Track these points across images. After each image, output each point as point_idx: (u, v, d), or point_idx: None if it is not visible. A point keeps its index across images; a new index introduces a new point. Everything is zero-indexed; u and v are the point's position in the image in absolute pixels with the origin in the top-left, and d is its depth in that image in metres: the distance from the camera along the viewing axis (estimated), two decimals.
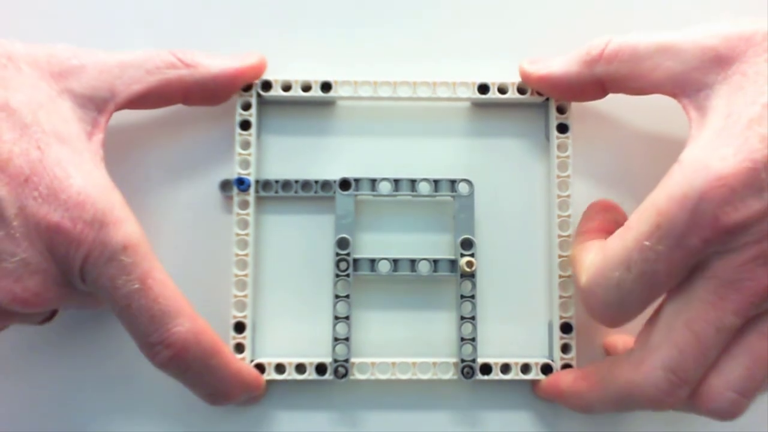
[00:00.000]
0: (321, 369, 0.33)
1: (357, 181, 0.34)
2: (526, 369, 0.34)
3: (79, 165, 0.29)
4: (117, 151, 0.34)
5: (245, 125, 0.34)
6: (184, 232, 0.35)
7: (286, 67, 0.35)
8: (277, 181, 0.35)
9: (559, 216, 0.34)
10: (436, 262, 0.34)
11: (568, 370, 0.33)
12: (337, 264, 0.34)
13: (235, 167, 0.34)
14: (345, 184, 0.34)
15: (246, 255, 0.34)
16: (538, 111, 0.35)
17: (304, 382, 0.34)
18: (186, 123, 0.35)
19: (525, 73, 0.34)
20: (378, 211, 0.35)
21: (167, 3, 0.36)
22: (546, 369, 0.34)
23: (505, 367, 0.34)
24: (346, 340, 0.33)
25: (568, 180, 0.34)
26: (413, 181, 0.34)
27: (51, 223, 0.28)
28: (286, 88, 0.34)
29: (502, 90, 0.34)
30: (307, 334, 0.34)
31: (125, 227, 0.29)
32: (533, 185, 0.35)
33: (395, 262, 0.34)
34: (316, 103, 0.35)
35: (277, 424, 0.34)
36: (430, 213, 0.35)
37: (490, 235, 0.35)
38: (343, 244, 0.34)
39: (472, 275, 0.34)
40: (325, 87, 0.34)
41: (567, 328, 0.34)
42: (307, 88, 0.34)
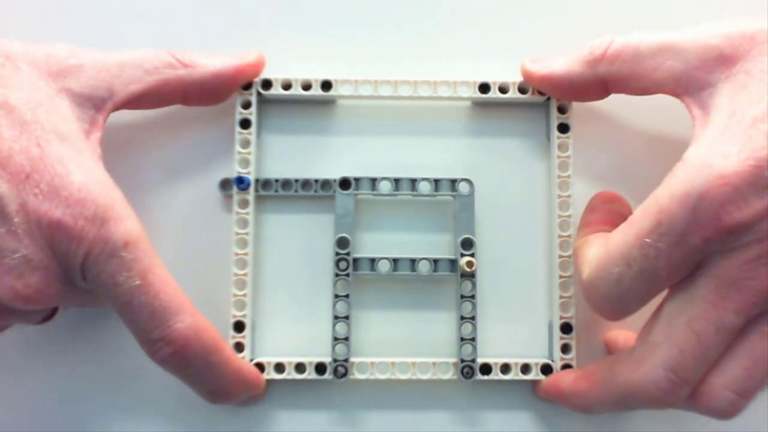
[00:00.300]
0: (320, 368, 0.33)
1: (357, 180, 0.34)
2: (526, 369, 0.34)
3: (80, 162, 0.29)
4: (117, 149, 0.34)
5: (245, 124, 0.34)
6: (183, 230, 0.35)
7: (287, 65, 0.35)
8: (276, 180, 0.34)
9: (560, 216, 0.34)
10: (436, 261, 0.34)
11: (568, 370, 0.33)
12: (336, 263, 0.34)
13: (235, 166, 0.34)
14: (345, 184, 0.34)
15: (245, 254, 0.33)
16: (538, 111, 0.35)
17: (304, 381, 0.34)
18: (186, 122, 0.35)
19: (527, 72, 0.34)
20: (378, 210, 0.35)
21: (167, 3, 0.36)
22: (546, 369, 0.34)
23: (505, 367, 0.34)
24: (346, 339, 0.33)
25: (569, 180, 0.34)
26: (413, 181, 0.34)
27: (52, 219, 0.27)
28: (287, 86, 0.34)
29: (503, 89, 0.34)
30: (306, 334, 0.34)
31: (126, 224, 0.28)
32: (534, 185, 0.35)
33: (395, 261, 0.34)
34: (316, 102, 0.35)
35: (276, 423, 0.34)
36: (430, 212, 0.35)
37: (491, 235, 0.35)
38: (342, 243, 0.34)
39: (472, 275, 0.34)
40: (326, 86, 0.34)
41: (567, 329, 0.34)
42: (307, 86, 0.34)
